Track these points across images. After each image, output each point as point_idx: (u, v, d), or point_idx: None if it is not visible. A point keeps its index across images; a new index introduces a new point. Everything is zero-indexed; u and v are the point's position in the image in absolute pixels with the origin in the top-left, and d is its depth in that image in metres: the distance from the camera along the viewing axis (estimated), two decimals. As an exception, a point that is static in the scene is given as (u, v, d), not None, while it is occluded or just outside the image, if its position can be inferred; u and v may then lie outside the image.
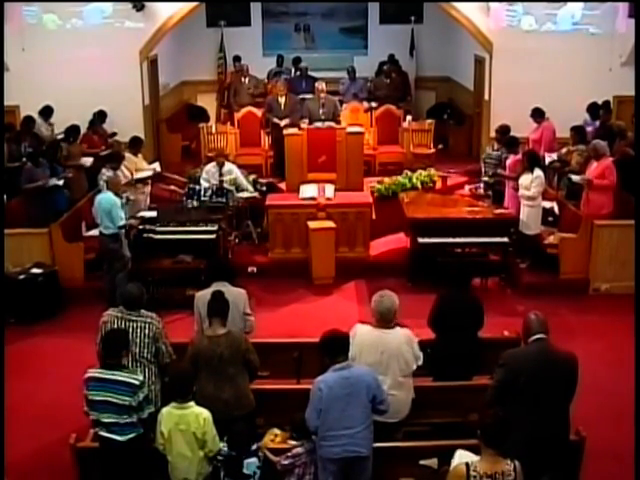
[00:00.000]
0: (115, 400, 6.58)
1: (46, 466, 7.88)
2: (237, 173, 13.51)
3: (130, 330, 7.34)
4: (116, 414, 6.61)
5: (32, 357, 10.21)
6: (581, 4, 15.61)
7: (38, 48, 15.26)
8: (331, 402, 6.43)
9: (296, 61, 19.96)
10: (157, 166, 14.11)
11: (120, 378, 6.63)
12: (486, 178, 13.67)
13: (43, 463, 7.96)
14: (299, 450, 6.74)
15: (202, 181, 13.35)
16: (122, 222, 11.17)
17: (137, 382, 6.64)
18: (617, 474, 7.75)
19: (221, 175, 13.31)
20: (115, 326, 7.37)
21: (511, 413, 6.27)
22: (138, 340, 7.33)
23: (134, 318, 7.43)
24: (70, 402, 7.18)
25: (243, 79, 18.57)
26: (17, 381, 9.30)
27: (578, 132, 13.66)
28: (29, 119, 14.55)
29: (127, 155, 13.36)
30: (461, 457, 6.22)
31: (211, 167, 13.48)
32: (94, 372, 6.74)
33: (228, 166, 13.52)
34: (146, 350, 7.35)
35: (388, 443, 6.99)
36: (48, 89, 15.02)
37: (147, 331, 7.38)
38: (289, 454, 6.73)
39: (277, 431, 7.33)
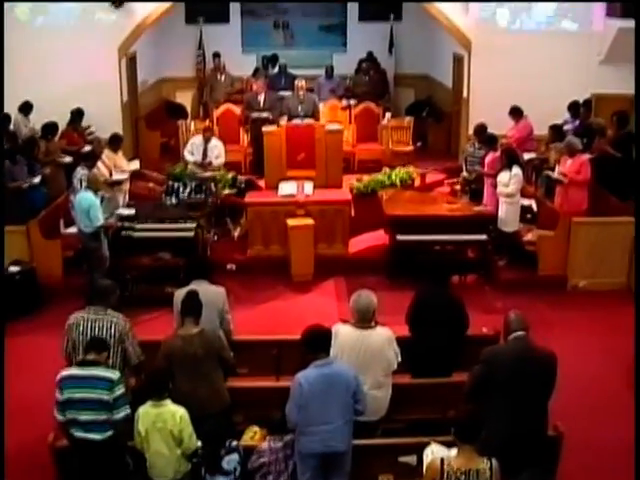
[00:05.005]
0: (94, 396, 6.56)
1: (24, 465, 7.84)
2: (221, 150, 13.76)
3: (96, 330, 7.29)
4: (94, 411, 6.59)
5: (10, 355, 10.10)
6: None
7: (14, 45, 15.13)
8: (311, 398, 6.46)
9: (274, 58, 19.91)
10: (136, 164, 14.09)
11: (98, 373, 6.63)
12: (465, 174, 13.70)
13: (21, 462, 7.90)
14: (263, 446, 6.77)
15: (186, 153, 13.46)
16: (99, 222, 11.11)
17: (115, 377, 6.65)
18: (593, 467, 7.86)
19: (206, 150, 13.41)
20: (81, 328, 7.35)
21: (491, 409, 6.33)
22: None
23: (100, 317, 7.39)
24: (48, 400, 7.12)
25: (219, 76, 18.66)
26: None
27: (555, 131, 13.79)
28: (4, 117, 14.44)
29: (106, 152, 13.32)
30: (433, 452, 6.27)
31: (197, 140, 13.61)
32: (70, 371, 6.74)
33: (214, 142, 13.62)
34: (112, 350, 7.25)
35: (367, 440, 7.02)
36: (25, 86, 14.88)
37: (112, 331, 7.32)
38: (255, 450, 6.76)
39: (256, 428, 7.35)
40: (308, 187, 13.04)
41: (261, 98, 15.76)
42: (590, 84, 15.42)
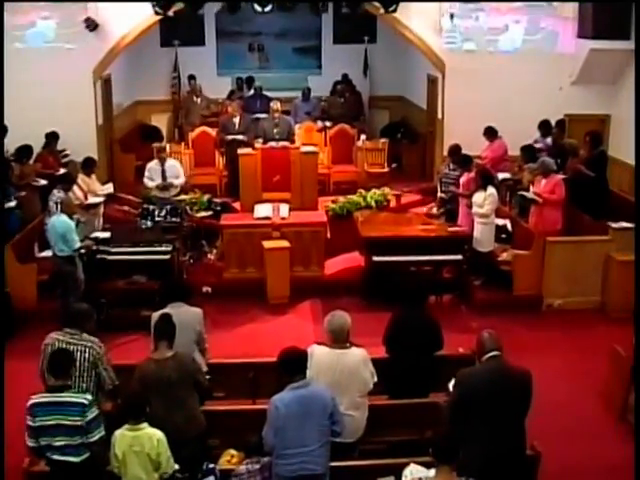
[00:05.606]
0: (66, 422, 6.51)
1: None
2: (179, 170, 13.85)
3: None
4: (68, 436, 6.53)
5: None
6: (522, 30, 15.85)
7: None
8: (288, 420, 6.42)
9: (249, 80, 20.03)
10: (110, 187, 14.03)
11: (68, 399, 6.57)
12: (443, 195, 13.74)
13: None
14: (240, 469, 6.73)
15: (145, 180, 13.45)
16: (77, 245, 11.08)
17: (86, 401, 6.57)
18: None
19: (164, 172, 13.39)
20: (56, 349, 7.30)
21: (468, 430, 6.32)
22: (78, 364, 7.23)
23: (74, 341, 7.35)
24: (23, 426, 7.06)
25: (195, 99, 18.71)
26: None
27: (527, 151, 13.89)
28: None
29: (80, 176, 13.25)
30: (412, 472, 6.24)
31: (153, 164, 13.60)
32: (39, 397, 6.67)
33: (170, 162, 13.62)
34: (85, 374, 7.25)
35: (345, 462, 6.98)
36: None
37: (87, 355, 7.29)
38: (233, 474, 6.72)
39: (233, 452, 7.29)
40: (284, 209, 13.05)
41: (236, 120, 15.77)
42: (563, 105, 15.58)
